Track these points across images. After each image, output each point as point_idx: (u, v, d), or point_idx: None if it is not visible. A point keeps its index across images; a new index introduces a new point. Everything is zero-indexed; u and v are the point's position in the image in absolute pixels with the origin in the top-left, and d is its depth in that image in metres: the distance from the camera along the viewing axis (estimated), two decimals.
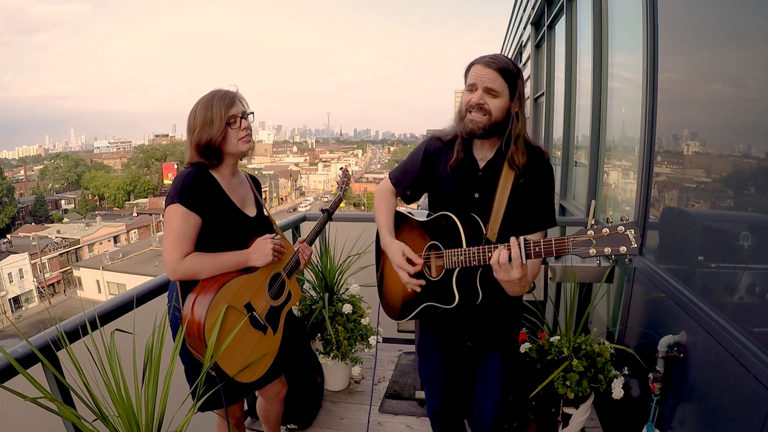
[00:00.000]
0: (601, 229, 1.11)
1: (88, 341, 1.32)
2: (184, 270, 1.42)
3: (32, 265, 28.52)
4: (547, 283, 2.31)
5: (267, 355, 1.53)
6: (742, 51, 1.42)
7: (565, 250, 1.14)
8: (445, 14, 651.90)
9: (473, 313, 1.48)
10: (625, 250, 1.10)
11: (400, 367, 2.92)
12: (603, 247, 1.11)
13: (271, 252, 1.51)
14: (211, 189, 1.48)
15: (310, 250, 1.72)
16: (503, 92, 1.33)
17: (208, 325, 1.36)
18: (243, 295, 1.48)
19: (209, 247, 1.47)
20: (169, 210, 1.42)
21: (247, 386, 1.59)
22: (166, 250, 1.42)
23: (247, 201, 1.60)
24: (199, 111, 1.46)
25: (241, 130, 1.48)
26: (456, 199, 1.45)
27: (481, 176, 1.42)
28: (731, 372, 1.31)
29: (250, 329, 1.48)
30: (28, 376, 1.18)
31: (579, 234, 1.13)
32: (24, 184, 54.87)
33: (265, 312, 1.54)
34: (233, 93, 1.50)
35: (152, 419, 1.28)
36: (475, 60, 1.37)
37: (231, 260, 1.48)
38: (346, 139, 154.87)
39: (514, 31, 8.37)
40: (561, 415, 2.01)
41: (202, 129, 1.44)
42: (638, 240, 1.09)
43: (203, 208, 1.44)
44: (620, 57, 2.77)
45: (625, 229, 1.10)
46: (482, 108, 1.34)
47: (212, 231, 1.47)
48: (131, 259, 27.33)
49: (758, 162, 1.34)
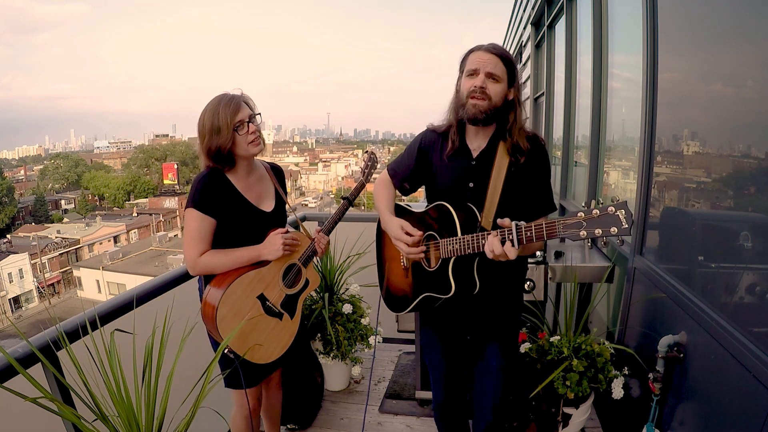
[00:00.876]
0: (591, 211, 1.09)
1: (88, 341, 1.32)
2: (201, 266, 1.55)
3: (32, 265, 28.51)
4: (547, 283, 2.30)
5: (284, 338, 1.65)
6: (742, 51, 1.42)
7: (555, 234, 1.13)
8: (445, 14, 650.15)
9: (471, 306, 1.50)
10: (616, 230, 1.06)
11: (400, 367, 2.92)
12: (593, 228, 1.08)
13: (281, 247, 1.58)
14: (224, 191, 1.57)
15: (326, 240, 1.75)
16: (504, 78, 1.36)
17: (220, 316, 1.49)
18: (255, 287, 1.58)
19: (227, 242, 1.58)
20: (186, 213, 1.55)
21: (264, 368, 1.70)
22: (185, 249, 1.56)
23: (265, 196, 1.68)
24: (207, 119, 1.51)
25: (249, 134, 1.53)
26: (451, 189, 1.47)
27: (474, 165, 1.44)
28: (731, 372, 1.31)
29: (264, 317, 1.60)
30: (28, 376, 1.18)
31: (569, 216, 1.11)
32: (24, 184, 54.86)
33: (280, 300, 1.64)
34: (238, 98, 1.54)
35: (152, 419, 1.28)
36: (475, 47, 1.40)
37: (244, 256, 1.58)
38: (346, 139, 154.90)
39: (514, 31, 8.37)
40: (561, 415, 2.01)
41: (211, 136, 1.50)
42: (629, 220, 1.06)
43: (217, 210, 1.54)
44: (620, 57, 2.76)
45: (615, 209, 1.07)
46: (484, 92, 1.36)
47: (228, 229, 1.58)
48: (131, 259, 27.34)
49: (758, 162, 1.34)
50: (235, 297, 1.52)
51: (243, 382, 1.61)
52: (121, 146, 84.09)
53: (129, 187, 50.60)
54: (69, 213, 47.64)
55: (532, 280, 2.23)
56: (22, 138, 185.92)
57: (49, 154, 77.19)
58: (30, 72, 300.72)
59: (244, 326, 1.51)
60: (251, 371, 1.66)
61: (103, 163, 67.17)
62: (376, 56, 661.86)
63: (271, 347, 1.61)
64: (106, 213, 44.76)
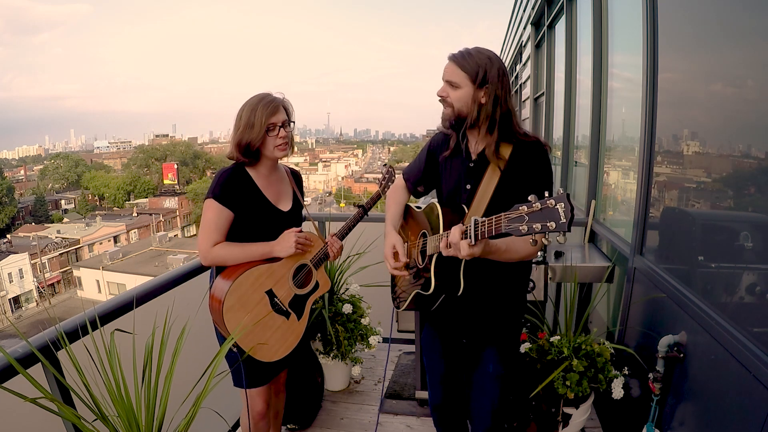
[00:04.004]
0: (532, 204, 0.98)
1: (88, 341, 1.32)
2: (213, 257, 1.58)
3: (32, 265, 28.51)
4: (547, 283, 2.31)
5: (290, 338, 1.65)
6: (742, 51, 1.42)
7: (500, 228, 1.05)
8: (445, 14, 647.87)
9: (464, 308, 1.49)
10: (554, 226, 0.95)
11: (400, 367, 2.92)
12: (533, 223, 0.98)
13: (294, 245, 1.61)
14: (245, 187, 1.61)
15: (339, 244, 1.77)
16: (463, 83, 1.34)
17: (227, 306, 1.50)
18: (264, 282, 1.60)
19: (241, 237, 1.61)
20: (206, 203, 1.59)
21: (270, 368, 1.69)
22: (199, 238, 1.59)
23: (283, 196, 1.72)
24: (245, 112, 1.56)
25: (278, 138, 1.58)
26: (452, 191, 1.49)
27: (472, 168, 1.44)
28: (731, 372, 1.31)
29: (272, 314, 1.61)
30: (28, 376, 1.18)
31: (512, 210, 1.02)
32: (24, 184, 54.82)
33: (288, 299, 1.65)
34: (279, 101, 1.59)
35: (152, 419, 1.28)
36: None
37: (257, 250, 1.61)
38: (346, 139, 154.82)
39: (514, 31, 8.37)
40: (561, 415, 2.01)
41: (244, 130, 1.55)
42: (567, 214, 0.94)
43: (236, 204, 1.58)
44: (620, 57, 2.76)
45: (555, 202, 0.96)
46: (445, 100, 1.37)
47: (244, 224, 1.61)
48: (131, 259, 27.34)
49: (758, 162, 1.34)
50: (243, 289, 1.54)
51: (244, 381, 1.61)
52: (121, 146, 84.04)
53: (129, 187, 50.59)
54: (69, 213, 47.62)
55: (532, 280, 2.23)
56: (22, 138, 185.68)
57: (49, 154, 77.11)
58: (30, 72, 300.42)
59: (249, 321, 1.51)
60: (256, 370, 1.66)
61: (103, 163, 67.15)
62: (376, 56, 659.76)
63: (275, 346, 1.61)
64: (106, 213, 44.75)
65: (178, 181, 46.90)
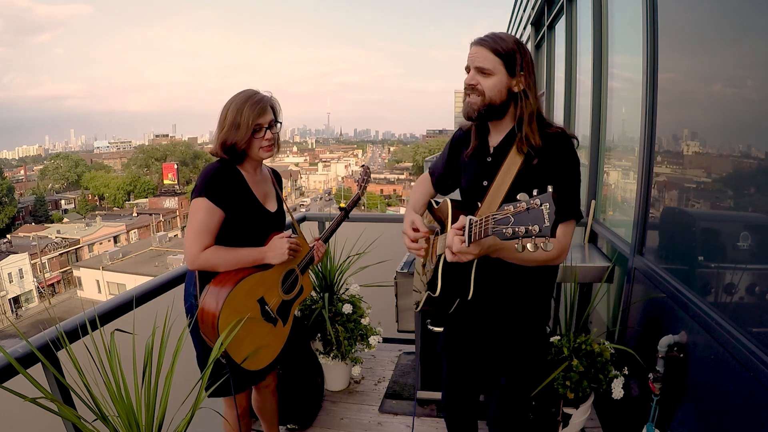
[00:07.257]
0: (519, 203, 0.89)
1: (88, 341, 1.32)
2: (202, 262, 1.48)
3: (32, 265, 28.50)
4: None
5: (275, 345, 1.62)
6: (742, 51, 1.42)
7: (488, 230, 0.96)
8: (445, 14, 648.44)
9: (477, 316, 1.44)
10: (537, 229, 0.85)
11: (400, 367, 2.92)
12: (518, 226, 0.88)
13: (287, 251, 1.57)
14: (235, 183, 1.53)
15: (324, 248, 1.77)
16: (497, 70, 1.24)
17: (223, 318, 1.43)
18: (257, 290, 1.55)
19: (230, 239, 1.53)
20: (194, 203, 1.48)
21: (254, 375, 1.65)
22: (187, 241, 1.48)
23: (269, 197, 1.67)
24: (230, 111, 1.49)
25: (264, 139, 1.52)
26: (470, 188, 1.41)
27: (489, 162, 1.35)
28: (731, 372, 1.31)
29: (261, 321, 1.56)
30: (28, 376, 1.18)
31: (500, 210, 0.93)
32: (24, 184, 54.78)
33: (276, 306, 1.61)
34: (267, 100, 1.53)
35: (152, 419, 1.28)
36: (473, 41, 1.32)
37: (248, 256, 1.54)
38: (346, 139, 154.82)
39: (514, 31, 8.37)
40: (561, 415, 2.01)
41: (229, 131, 1.48)
42: (551, 218, 0.85)
43: (227, 202, 1.49)
44: (620, 57, 2.76)
45: (540, 203, 0.86)
46: (475, 89, 1.26)
47: (234, 224, 1.53)
48: (131, 259, 27.33)
49: (758, 162, 1.33)
50: (238, 299, 1.48)
51: (233, 389, 1.54)
52: (121, 146, 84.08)
53: (129, 187, 50.60)
54: (69, 213, 47.61)
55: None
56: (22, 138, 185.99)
57: (49, 154, 77.14)
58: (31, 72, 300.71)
59: (240, 330, 1.42)
60: (241, 378, 1.61)
61: (103, 163, 67.17)
62: (376, 56, 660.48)
63: (262, 353, 1.57)
64: (106, 213, 44.76)
65: (178, 181, 46.87)
